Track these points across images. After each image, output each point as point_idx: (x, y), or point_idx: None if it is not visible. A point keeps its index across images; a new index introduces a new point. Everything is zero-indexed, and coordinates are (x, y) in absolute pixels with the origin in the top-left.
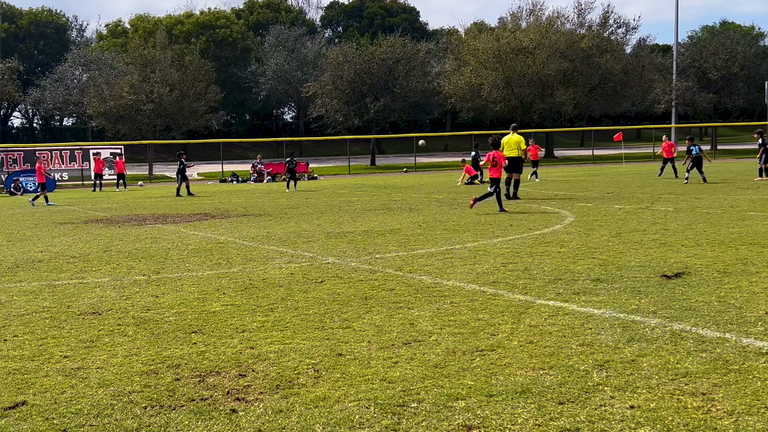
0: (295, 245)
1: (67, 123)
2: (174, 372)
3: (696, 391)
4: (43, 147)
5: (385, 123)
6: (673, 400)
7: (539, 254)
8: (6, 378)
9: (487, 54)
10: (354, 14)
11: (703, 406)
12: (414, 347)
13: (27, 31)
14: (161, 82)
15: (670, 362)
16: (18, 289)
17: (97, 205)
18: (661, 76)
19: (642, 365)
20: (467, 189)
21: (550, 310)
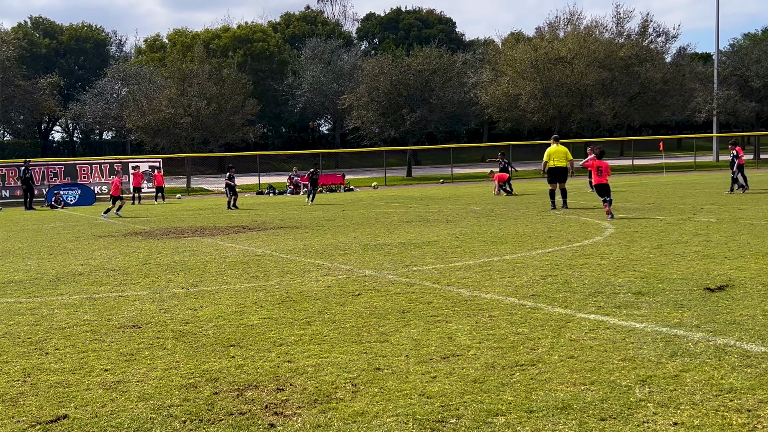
0: (332, 258)
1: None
2: (213, 386)
3: (741, 408)
4: (83, 161)
5: (421, 134)
6: (718, 417)
7: (579, 266)
8: (48, 391)
9: (524, 64)
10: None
11: (749, 423)
12: (452, 361)
13: (67, 47)
14: (199, 95)
15: (714, 378)
16: (59, 302)
17: (136, 218)
18: (702, 85)
19: (685, 381)
20: (506, 200)
21: (590, 324)
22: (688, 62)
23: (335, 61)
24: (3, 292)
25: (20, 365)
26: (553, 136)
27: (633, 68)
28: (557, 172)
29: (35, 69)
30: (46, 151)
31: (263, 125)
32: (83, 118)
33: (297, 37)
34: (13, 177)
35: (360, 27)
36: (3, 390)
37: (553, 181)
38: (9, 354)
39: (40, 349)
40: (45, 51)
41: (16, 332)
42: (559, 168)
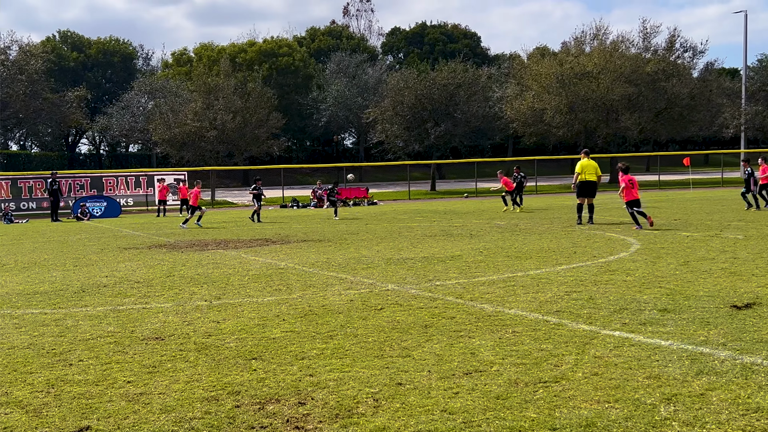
0: (355, 271)
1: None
2: (234, 399)
3: None
4: (109, 173)
5: (445, 148)
6: None
7: (604, 283)
8: (71, 402)
9: (550, 79)
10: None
11: None
12: (475, 377)
13: (95, 60)
14: (224, 109)
15: (741, 396)
16: (84, 314)
17: (161, 231)
18: (730, 101)
19: (711, 399)
20: (530, 215)
21: (615, 341)
22: (716, 77)
23: (360, 75)
24: (28, 303)
25: (44, 376)
26: (583, 150)
27: (659, 83)
28: (587, 187)
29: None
30: (72, 164)
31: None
32: (110, 130)
33: (322, 52)
34: (40, 189)
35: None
36: (27, 401)
37: (582, 195)
38: (33, 365)
39: (64, 361)
40: (73, 64)
41: (40, 343)
42: (589, 182)
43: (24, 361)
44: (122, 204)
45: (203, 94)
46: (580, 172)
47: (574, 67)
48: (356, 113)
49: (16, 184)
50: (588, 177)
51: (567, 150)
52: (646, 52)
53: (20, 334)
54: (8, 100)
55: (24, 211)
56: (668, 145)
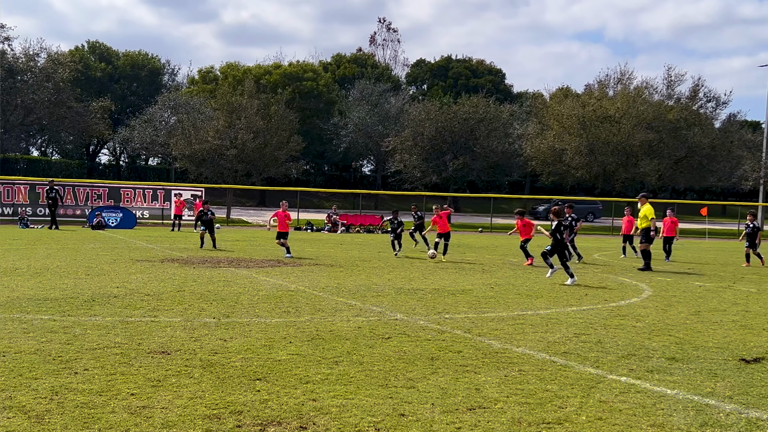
0: (364, 299)
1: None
2: (236, 418)
3: None
4: (127, 184)
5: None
6: None
7: (614, 327)
8: (74, 411)
9: (571, 120)
10: (439, 73)
11: None
12: (479, 414)
13: (122, 72)
14: (246, 129)
15: None
16: (92, 323)
17: (174, 245)
18: (750, 153)
19: None
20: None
21: (621, 387)
22: (737, 129)
23: (382, 104)
24: (38, 308)
25: (49, 383)
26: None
27: (681, 131)
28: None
29: (88, 92)
30: (92, 173)
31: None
32: (131, 143)
33: (346, 78)
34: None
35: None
36: (30, 406)
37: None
38: (39, 371)
39: (70, 369)
40: (99, 75)
41: (47, 349)
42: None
43: (30, 366)
44: (138, 216)
45: (226, 113)
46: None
47: (597, 110)
48: (376, 141)
49: (35, 190)
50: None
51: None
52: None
53: (28, 339)
54: (33, 106)
55: (40, 217)
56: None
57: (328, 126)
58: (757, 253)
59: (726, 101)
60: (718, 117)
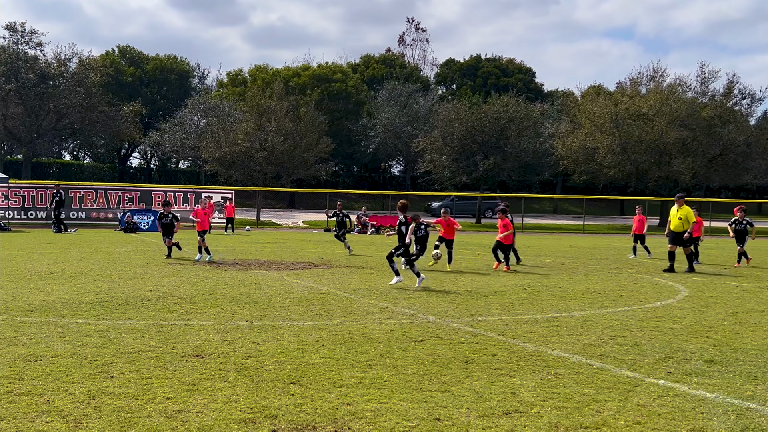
0: (396, 301)
1: (182, 166)
2: (271, 422)
3: None
4: (158, 188)
5: (493, 182)
6: None
7: (650, 329)
8: (111, 415)
9: (603, 118)
10: (469, 72)
11: None
12: (514, 418)
13: (152, 76)
14: (275, 131)
15: None
16: (127, 327)
17: None
18: None
19: None
20: (577, 254)
21: (659, 390)
22: None
23: (411, 104)
24: (73, 312)
25: (86, 387)
26: (676, 195)
27: (715, 129)
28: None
29: (119, 96)
30: (123, 177)
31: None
32: (161, 146)
33: (375, 79)
34: (90, 199)
35: (438, 72)
36: (68, 410)
37: (671, 243)
38: (75, 375)
39: (106, 372)
40: (130, 79)
41: (83, 353)
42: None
43: (66, 370)
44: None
45: (255, 116)
46: (670, 220)
47: (629, 108)
48: (405, 142)
49: (68, 194)
50: (672, 226)
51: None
52: (703, 96)
53: (64, 343)
54: (65, 110)
55: (73, 221)
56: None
57: (357, 127)
58: (743, 251)
59: (762, 98)
60: (753, 114)
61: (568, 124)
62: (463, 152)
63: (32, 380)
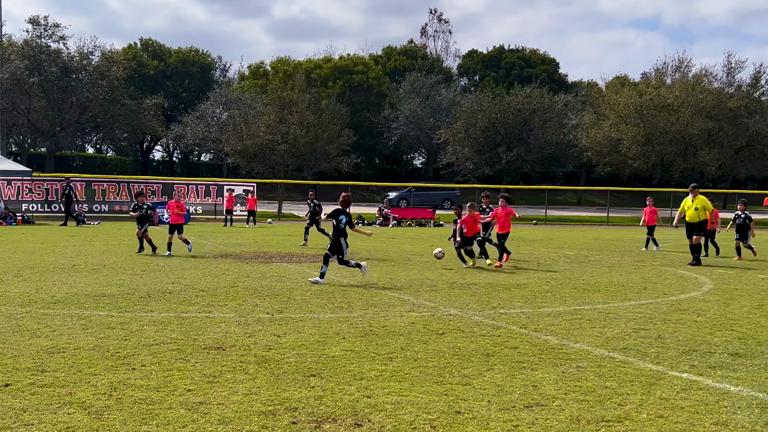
0: (418, 294)
1: (205, 159)
2: (291, 415)
3: None
4: (180, 180)
5: (516, 173)
6: None
7: (674, 322)
8: (132, 407)
9: (628, 109)
10: (492, 63)
11: None
12: (536, 411)
13: (174, 69)
14: (297, 123)
15: None
16: (149, 319)
17: (227, 240)
18: None
19: None
20: (601, 246)
21: (683, 383)
22: None
23: (434, 96)
24: (96, 304)
25: (107, 379)
26: (690, 186)
27: (741, 120)
28: (688, 227)
29: (142, 89)
30: (146, 169)
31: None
32: (184, 139)
33: (397, 71)
34: (113, 192)
35: (461, 63)
36: (89, 402)
37: (688, 236)
38: (98, 367)
39: (128, 365)
40: (152, 72)
41: (105, 345)
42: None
43: (89, 362)
44: (191, 212)
45: (277, 108)
46: (681, 211)
47: (654, 99)
48: (427, 133)
49: (90, 187)
50: (687, 217)
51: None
52: (729, 87)
53: (86, 336)
54: (88, 104)
55: (96, 213)
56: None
57: (379, 119)
58: (748, 245)
59: None
60: None
61: (592, 115)
62: (486, 144)
63: (54, 372)
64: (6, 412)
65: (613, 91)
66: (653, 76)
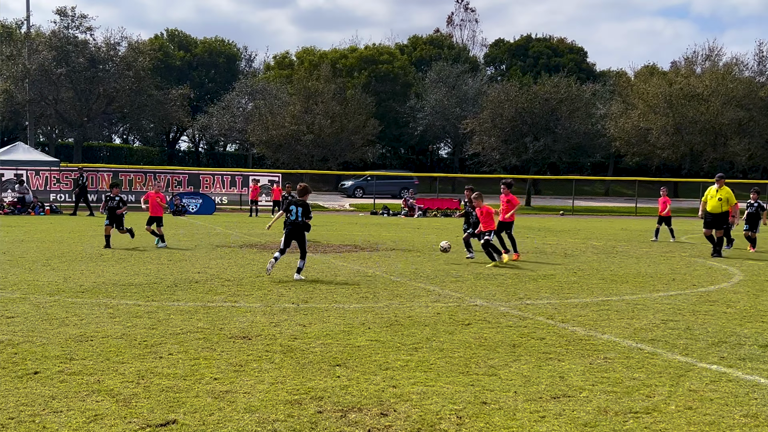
0: (443, 284)
1: (230, 149)
2: (317, 404)
3: None
4: (206, 171)
5: (543, 163)
6: None
7: (703, 313)
8: (159, 395)
9: (657, 98)
10: (519, 53)
11: None
12: (563, 402)
13: (200, 60)
14: (322, 114)
15: None
16: (175, 308)
17: (252, 231)
18: None
19: None
20: (629, 237)
21: (712, 375)
22: None
23: (460, 86)
24: (123, 293)
25: (135, 367)
26: (717, 175)
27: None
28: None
29: (168, 80)
30: (172, 160)
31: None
32: (209, 129)
33: (423, 60)
34: (140, 182)
35: (488, 52)
36: (117, 390)
37: (706, 226)
38: (125, 355)
39: (155, 353)
40: (179, 63)
41: (133, 334)
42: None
43: (116, 350)
44: (217, 202)
45: (302, 98)
46: (705, 201)
47: (684, 88)
48: (453, 123)
49: (117, 177)
50: (709, 207)
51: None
52: (760, 76)
53: (114, 324)
54: (115, 94)
55: None
56: None
57: (404, 109)
58: (753, 237)
59: None
60: None
61: (621, 105)
62: (513, 134)
63: (83, 360)
64: (35, 399)
65: (642, 81)
66: (683, 65)
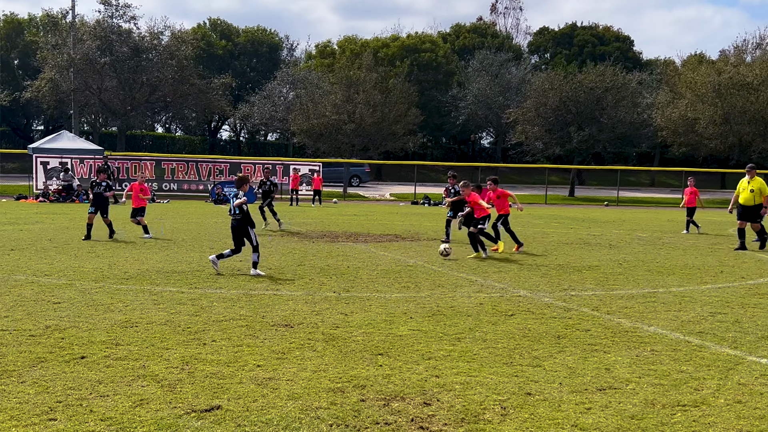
0: (486, 275)
1: (271, 138)
2: (360, 392)
3: None
4: (247, 160)
5: (587, 153)
6: None
7: (752, 306)
8: (203, 381)
9: (705, 87)
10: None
11: None
12: (609, 394)
13: (242, 49)
14: (364, 103)
15: None
16: (218, 296)
17: (293, 220)
18: None
19: None
20: (676, 228)
21: (762, 369)
22: None
23: (503, 74)
24: (167, 281)
25: (179, 353)
26: (747, 166)
27: None
28: (742, 210)
29: (210, 69)
30: (213, 149)
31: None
32: (251, 119)
33: (466, 49)
34: (182, 171)
35: (532, 41)
36: (162, 375)
37: (740, 219)
38: (170, 341)
39: (198, 340)
40: (221, 52)
41: (177, 321)
42: (743, 206)
43: (161, 337)
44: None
45: (344, 87)
46: (737, 194)
47: (733, 77)
48: (496, 112)
49: (160, 165)
50: (741, 199)
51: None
52: None
53: (158, 311)
54: (158, 83)
55: (166, 192)
56: None
57: (446, 98)
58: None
59: None
60: None
61: (668, 94)
62: (557, 123)
63: (128, 346)
64: (82, 383)
65: (689, 69)
66: (732, 53)
